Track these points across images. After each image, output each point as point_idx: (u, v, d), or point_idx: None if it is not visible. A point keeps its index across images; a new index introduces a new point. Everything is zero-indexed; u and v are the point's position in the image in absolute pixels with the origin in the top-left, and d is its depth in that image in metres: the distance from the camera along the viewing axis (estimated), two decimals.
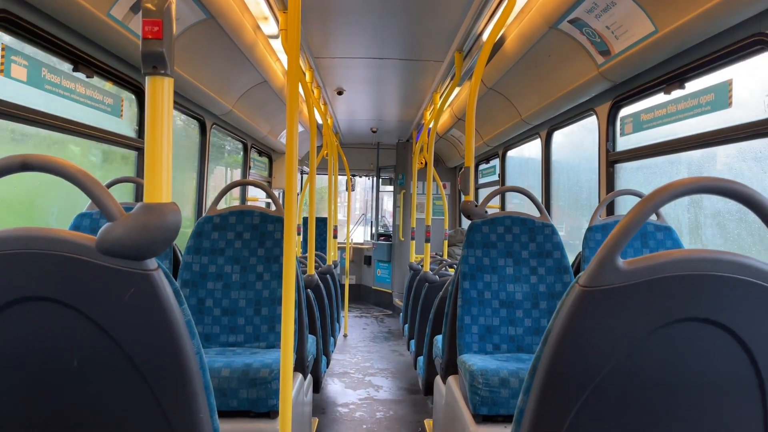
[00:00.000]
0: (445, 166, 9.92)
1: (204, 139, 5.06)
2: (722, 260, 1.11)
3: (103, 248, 1.08)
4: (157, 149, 1.17)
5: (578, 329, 1.13)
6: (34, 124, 2.69)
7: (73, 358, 1.13)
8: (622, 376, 1.14)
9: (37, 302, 1.11)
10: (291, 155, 2.16)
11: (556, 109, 4.49)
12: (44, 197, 3.20)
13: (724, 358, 1.14)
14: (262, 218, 3.17)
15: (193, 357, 1.19)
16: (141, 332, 1.13)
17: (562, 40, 3.54)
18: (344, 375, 5.79)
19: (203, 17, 3.34)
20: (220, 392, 2.52)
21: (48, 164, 1.11)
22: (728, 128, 2.68)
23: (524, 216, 3.13)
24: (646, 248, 3.25)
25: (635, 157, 3.58)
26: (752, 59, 2.59)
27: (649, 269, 1.11)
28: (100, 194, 1.10)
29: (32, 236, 1.09)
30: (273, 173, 8.17)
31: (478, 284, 3.04)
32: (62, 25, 2.73)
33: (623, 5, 2.86)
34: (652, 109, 3.40)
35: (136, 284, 1.11)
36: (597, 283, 1.11)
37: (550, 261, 3.07)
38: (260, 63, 4.55)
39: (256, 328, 3.06)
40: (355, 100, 6.94)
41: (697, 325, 1.12)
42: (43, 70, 2.74)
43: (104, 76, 3.24)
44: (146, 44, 1.12)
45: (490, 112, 5.65)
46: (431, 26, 4.19)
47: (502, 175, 6.79)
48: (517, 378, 2.55)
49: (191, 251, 3.09)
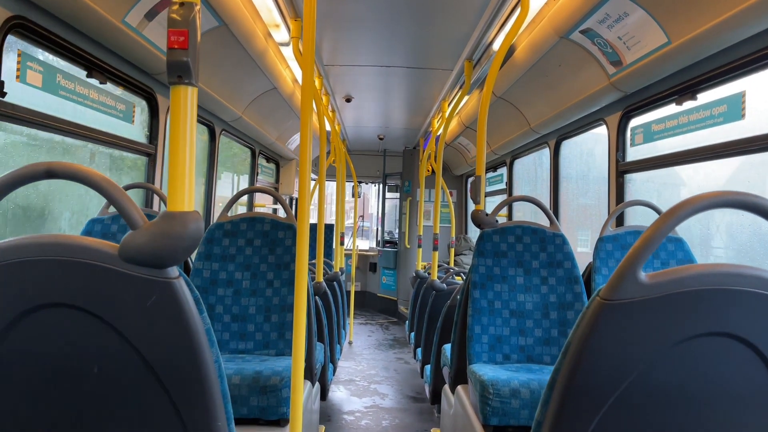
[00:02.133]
0: (451, 173, 9.92)
1: (213, 145, 5.08)
2: (743, 275, 1.10)
3: (125, 256, 1.09)
4: (180, 158, 1.17)
5: (599, 342, 1.12)
6: (48, 129, 2.71)
7: (93, 365, 1.13)
8: (642, 389, 1.14)
9: (59, 309, 1.11)
10: (304, 162, 2.18)
11: (566, 118, 4.48)
12: (56, 202, 3.21)
13: (745, 373, 1.14)
14: (273, 225, 3.18)
15: (212, 365, 1.19)
16: (162, 340, 1.14)
17: (573, 50, 3.54)
18: (350, 382, 5.77)
19: (216, 24, 3.36)
20: (231, 399, 2.51)
21: (72, 172, 1.11)
22: (741, 140, 2.67)
23: (535, 225, 3.13)
24: (657, 259, 3.23)
25: (646, 167, 3.57)
26: (766, 71, 2.58)
27: (670, 283, 1.10)
28: (123, 202, 1.11)
29: (56, 243, 1.09)
30: (280, 179, 8.19)
31: (489, 293, 3.04)
32: (77, 31, 2.75)
33: (636, 16, 2.86)
34: (663, 120, 3.39)
35: (157, 292, 1.11)
36: (618, 297, 1.11)
37: (560, 271, 3.06)
38: (270, 70, 4.57)
39: (266, 335, 3.06)
40: (363, 108, 6.96)
41: (718, 340, 1.12)
42: (57, 76, 2.76)
43: (117, 82, 3.26)
44: (172, 54, 1.13)
45: (498, 120, 5.65)
46: (441, 35, 4.21)
47: (509, 184, 6.79)
48: (528, 389, 2.53)
49: (202, 257, 3.09)
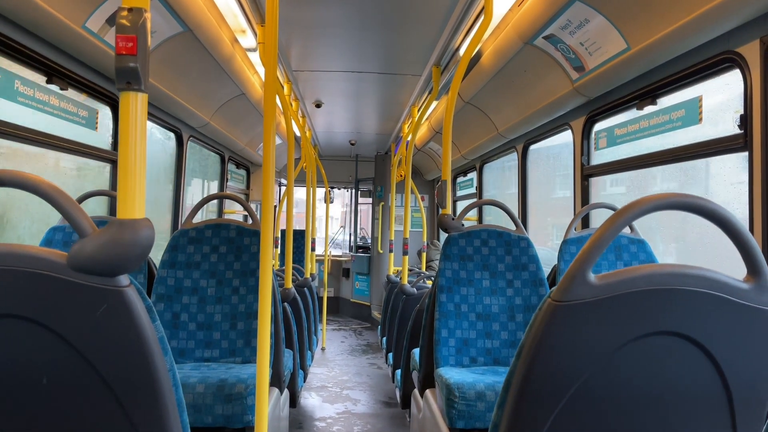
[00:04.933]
0: (423, 178, 9.96)
1: (180, 151, 5.02)
2: (690, 275, 1.13)
3: (74, 265, 1.07)
4: (130, 164, 1.16)
5: (550, 344, 1.14)
6: (5, 137, 2.64)
7: (42, 376, 1.11)
8: (594, 389, 1.16)
9: (6, 319, 1.08)
10: (267, 168, 2.16)
11: (532, 123, 4.55)
12: (16, 210, 3.14)
13: (693, 371, 1.16)
14: (239, 232, 3.15)
15: (165, 374, 1.17)
16: (112, 349, 1.12)
17: (538, 56, 3.60)
18: (322, 389, 5.74)
19: (180, 30, 3.32)
20: (195, 408, 2.48)
21: (19, 180, 1.09)
22: (698, 143, 2.74)
23: (500, 229, 3.16)
24: (620, 261, 3.29)
25: (610, 171, 3.63)
26: (722, 76, 2.65)
27: (619, 284, 1.12)
28: (71, 209, 1.09)
29: (2, 252, 1.07)
30: (251, 185, 8.13)
31: (455, 297, 3.05)
32: (36, 37, 2.69)
33: (596, 22, 2.92)
34: (625, 124, 3.46)
35: (108, 301, 1.09)
36: (568, 298, 1.13)
37: (525, 274, 3.09)
38: (238, 76, 4.54)
39: (232, 342, 3.03)
40: (334, 113, 6.95)
41: (666, 339, 1.14)
42: (16, 83, 2.70)
43: (79, 89, 3.21)
44: (120, 60, 1.12)
45: (467, 125, 5.70)
46: (409, 41, 4.23)
47: (479, 188, 6.85)
48: (494, 391, 2.55)
49: (166, 265, 3.05)
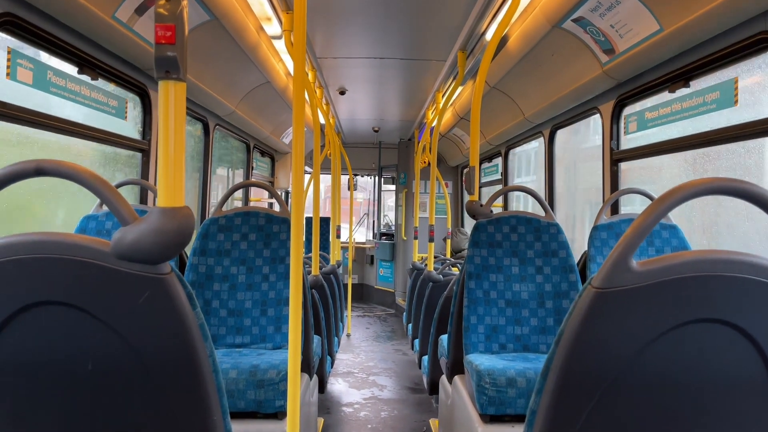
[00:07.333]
0: (447, 165, 9.91)
1: (207, 140, 5.06)
2: (735, 261, 1.11)
3: (117, 252, 1.09)
4: (169, 153, 1.17)
5: (592, 331, 1.13)
6: (39, 127, 2.69)
7: (87, 362, 1.14)
8: (635, 376, 1.15)
9: (52, 307, 1.11)
10: (298, 156, 2.17)
11: (560, 107, 4.48)
12: (50, 199, 3.20)
13: (737, 358, 1.14)
14: (268, 219, 3.17)
15: (206, 359, 1.19)
16: (155, 335, 1.14)
17: (566, 39, 3.53)
18: (348, 374, 5.79)
19: (207, 18, 3.34)
20: (228, 393, 2.52)
21: (62, 169, 1.11)
22: (734, 126, 2.67)
23: (529, 215, 3.13)
24: (651, 247, 3.24)
25: (640, 155, 3.57)
26: (759, 57, 2.58)
27: (662, 270, 1.11)
28: (113, 198, 1.11)
29: (47, 241, 1.09)
30: (275, 173, 8.17)
31: (484, 284, 3.04)
32: (67, 28, 2.72)
33: (628, 4, 2.85)
34: (656, 107, 3.39)
35: (150, 288, 1.11)
36: (610, 285, 1.11)
37: (555, 260, 3.06)
38: (263, 64, 4.55)
39: (263, 329, 3.06)
40: (357, 100, 6.94)
41: (709, 326, 1.13)
42: (48, 73, 2.74)
43: (108, 78, 3.24)
44: (159, 49, 1.12)
45: (492, 111, 5.64)
46: (434, 26, 4.19)
47: (504, 174, 6.79)
48: (524, 378, 2.55)
49: (197, 253, 3.09)
